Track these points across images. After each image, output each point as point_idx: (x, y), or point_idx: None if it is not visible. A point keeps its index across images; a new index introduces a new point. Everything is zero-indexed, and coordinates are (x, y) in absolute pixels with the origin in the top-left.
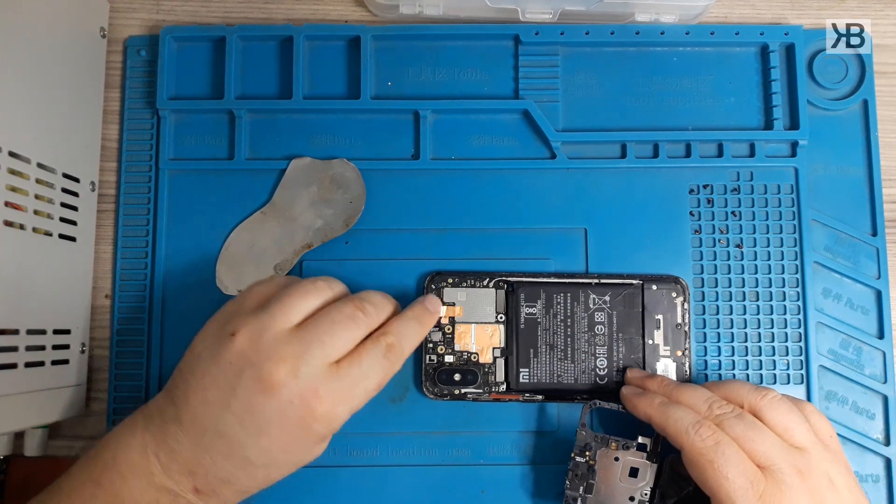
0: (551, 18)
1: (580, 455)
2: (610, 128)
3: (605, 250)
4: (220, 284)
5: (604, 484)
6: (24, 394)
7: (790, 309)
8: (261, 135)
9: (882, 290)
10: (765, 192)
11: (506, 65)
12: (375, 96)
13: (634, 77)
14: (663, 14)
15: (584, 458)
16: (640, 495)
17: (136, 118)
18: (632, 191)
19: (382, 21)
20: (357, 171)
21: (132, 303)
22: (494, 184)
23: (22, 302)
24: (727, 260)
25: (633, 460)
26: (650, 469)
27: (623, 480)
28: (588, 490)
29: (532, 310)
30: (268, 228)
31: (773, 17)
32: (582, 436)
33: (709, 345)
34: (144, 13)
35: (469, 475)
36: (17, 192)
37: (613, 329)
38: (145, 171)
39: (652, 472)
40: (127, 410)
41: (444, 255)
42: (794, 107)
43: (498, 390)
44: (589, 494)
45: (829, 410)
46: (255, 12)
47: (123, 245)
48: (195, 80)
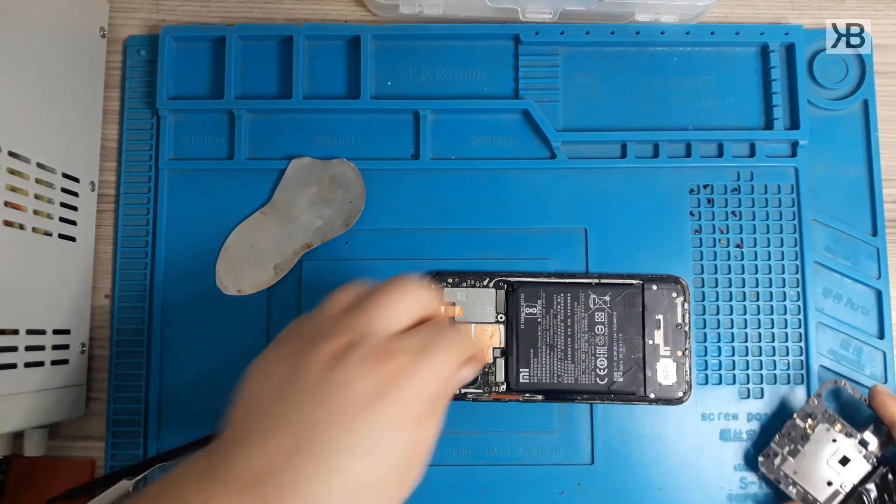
0: (551, 18)
1: (802, 420)
2: (610, 128)
3: (605, 250)
4: (219, 284)
5: (810, 456)
6: (24, 394)
7: (790, 309)
8: (261, 135)
9: (882, 290)
10: (765, 192)
11: (506, 65)
12: (375, 96)
13: (634, 77)
14: (663, 14)
15: (805, 424)
16: (840, 486)
17: (135, 118)
18: (632, 191)
19: (382, 21)
20: (357, 171)
21: (132, 303)
22: (494, 184)
23: (22, 302)
24: (727, 260)
25: (850, 450)
26: (863, 467)
27: (831, 463)
28: (792, 454)
29: (532, 310)
30: (268, 228)
31: (774, 17)
32: (813, 403)
33: (709, 345)
34: (144, 13)
35: (469, 475)
36: (16, 192)
37: (613, 329)
38: (145, 171)
39: (864, 470)
40: (127, 410)
41: (444, 255)
42: (795, 107)
43: (498, 390)
44: (791, 458)
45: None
46: (255, 12)
47: (123, 245)
48: (195, 80)
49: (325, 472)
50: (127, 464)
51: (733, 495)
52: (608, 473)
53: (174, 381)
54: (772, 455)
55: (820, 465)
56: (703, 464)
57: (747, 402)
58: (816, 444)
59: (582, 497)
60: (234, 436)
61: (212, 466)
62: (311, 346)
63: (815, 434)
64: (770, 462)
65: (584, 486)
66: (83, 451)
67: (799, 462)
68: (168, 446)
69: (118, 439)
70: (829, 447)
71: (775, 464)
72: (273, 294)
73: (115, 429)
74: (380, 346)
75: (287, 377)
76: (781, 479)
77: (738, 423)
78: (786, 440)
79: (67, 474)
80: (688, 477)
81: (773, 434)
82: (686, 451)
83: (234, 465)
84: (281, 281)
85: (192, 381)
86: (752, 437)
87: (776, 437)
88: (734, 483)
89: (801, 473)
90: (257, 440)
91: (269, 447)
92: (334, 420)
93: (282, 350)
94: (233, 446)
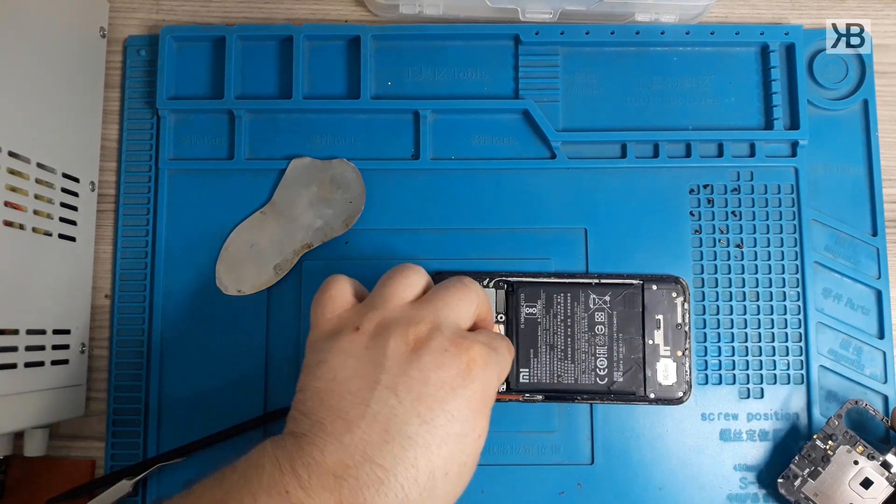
0: (551, 18)
1: (823, 441)
2: (610, 128)
3: (605, 250)
4: (219, 284)
5: (831, 478)
6: (24, 394)
7: (790, 309)
8: (261, 135)
9: (882, 290)
10: (765, 192)
11: (506, 65)
12: (375, 96)
13: (634, 77)
14: (663, 14)
15: (825, 446)
16: None
17: (135, 118)
18: (632, 191)
19: (382, 21)
20: (357, 171)
21: (132, 303)
22: (494, 184)
23: (22, 302)
24: (727, 260)
25: (872, 472)
26: (885, 490)
27: (852, 486)
28: (813, 476)
29: (532, 310)
30: (268, 228)
31: (773, 17)
32: (833, 424)
33: (709, 345)
34: (144, 13)
35: None
36: (16, 192)
37: (613, 329)
38: (145, 171)
39: (886, 494)
40: (127, 411)
41: (444, 255)
42: (795, 107)
43: (498, 390)
44: (812, 480)
45: (829, 411)
46: (255, 12)
47: (123, 245)
48: (195, 80)
49: (403, 467)
50: (127, 464)
51: (733, 495)
52: (608, 473)
53: (174, 381)
54: (791, 477)
55: (842, 488)
56: (703, 464)
57: (747, 402)
58: (837, 465)
59: (582, 497)
60: (312, 425)
61: (288, 457)
62: (391, 331)
63: (835, 456)
64: (790, 484)
65: (584, 486)
66: (83, 451)
67: (820, 484)
68: (168, 446)
69: (118, 439)
70: (850, 469)
71: (795, 486)
72: (273, 294)
73: (115, 429)
74: (455, 337)
75: (368, 362)
76: (801, 501)
77: (738, 423)
78: (806, 461)
79: (67, 474)
80: (688, 477)
81: (773, 434)
82: (686, 451)
83: (313, 456)
84: (281, 281)
85: (192, 381)
86: (752, 437)
87: (796, 459)
88: (734, 483)
89: (822, 496)
90: (338, 431)
91: (349, 440)
92: (421, 408)
93: (353, 337)
94: (311, 436)
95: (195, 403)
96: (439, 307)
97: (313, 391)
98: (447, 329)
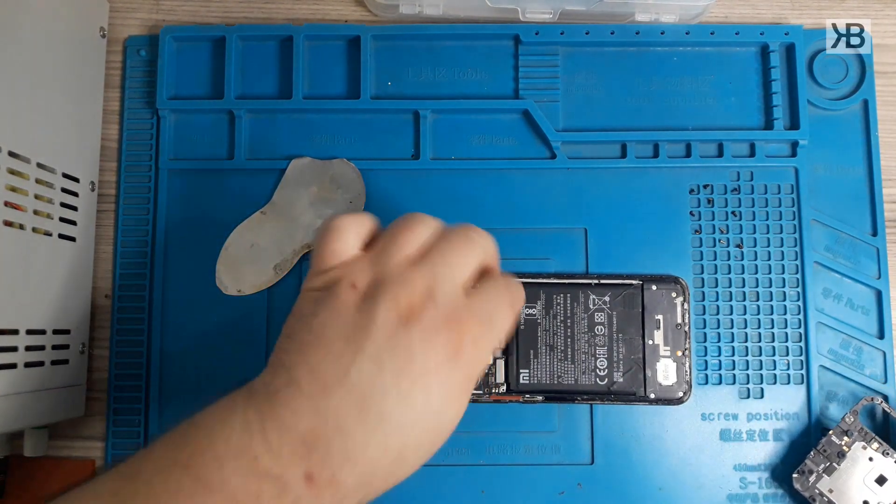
0: (551, 18)
1: (838, 437)
2: (610, 128)
3: (605, 250)
4: (219, 284)
5: (846, 474)
6: (24, 394)
7: (790, 309)
8: (261, 135)
9: (882, 290)
10: (765, 192)
11: (506, 65)
12: (375, 96)
13: (634, 77)
14: (663, 14)
15: (841, 442)
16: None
17: (135, 118)
18: (632, 191)
19: (382, 21)
20: (357, 171)
21: (132, 303)
22: (494, 184)
23: (22, 302)
24: (727, 260)
25: (887, 469)
26: None
27: (867, 482)
28: (828, 472)
29: (532, 310)
30: (268, 228)
31: (773, 17)
32: (849, 421)
33: (709, 345)
34: (144, 13)
35: (469, 475)
36: (16, 192)
37: (613, 329)
38: (145, 171)
39: None
40: (127, 411)
41: None
42: (795, 107)
43: (498, 391)
44: (826, 476)
45: (829, 410)
46: (255, 12)
47: (123, 245)
48: (195, 80)
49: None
50: None
51: (733, 495)
52: (608, 473)
53: (174, 381)
54: (807, 472)
55: (856, 483)
56: (703, 464)
57: (747, 401)
58: (852, 462)
59: (582, 497)
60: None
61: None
62: (384, 294)
63: (851, 452)
64: (805, 479)
65: (584, 486)
66: (83, 451)
67: (834, 480)
68: None
69: (118, 440)
70: (865, 465)
71: (810, 481)
72: (273, 294)
73: (115, 429)
74: (451, 307)
75: (356, 326)
76: (816, 496)
77: (738, 423)
78: (821, 457)
79: (67, 474)
80: (688, 477)
81: (773, 434)
82: (686, 451)
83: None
84: (281, 281)
85: (192, 382)
86: (752, 437)
87: (811, 454)
88: (734, 483)
89: (836, 492)
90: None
91: (324, 407)
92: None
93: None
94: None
95: (195, 403)
96: (438, 267)
97: (299, 342)
98: (443, 296)
